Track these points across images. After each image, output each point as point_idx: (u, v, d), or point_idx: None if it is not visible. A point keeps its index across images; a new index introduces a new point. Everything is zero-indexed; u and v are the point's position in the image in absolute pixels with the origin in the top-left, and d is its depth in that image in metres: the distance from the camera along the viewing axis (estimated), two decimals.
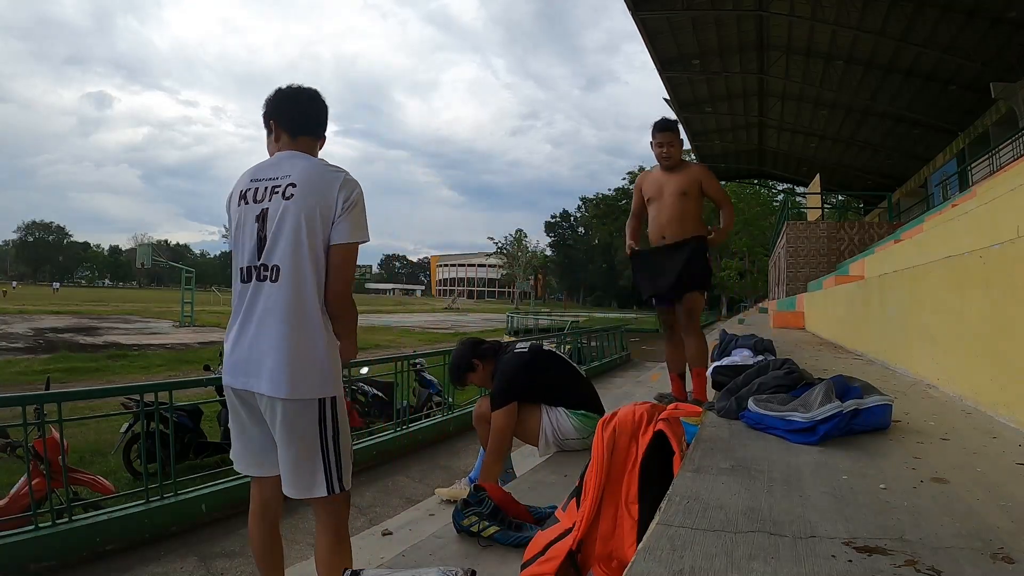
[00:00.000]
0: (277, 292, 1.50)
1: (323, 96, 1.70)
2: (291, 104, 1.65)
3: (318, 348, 1.51)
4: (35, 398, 2.91)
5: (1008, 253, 1.41)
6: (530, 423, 2.69)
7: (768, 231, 29.51)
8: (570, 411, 2.69)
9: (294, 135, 1.63)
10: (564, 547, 1.42)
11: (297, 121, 1.64)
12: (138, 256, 27.26)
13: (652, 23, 12.33)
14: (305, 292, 1.50)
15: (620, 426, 1.42)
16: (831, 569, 0.64)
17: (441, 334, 20.90)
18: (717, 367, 2.60)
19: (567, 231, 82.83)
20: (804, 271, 12.37)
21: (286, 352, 1.48)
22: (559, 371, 2.81)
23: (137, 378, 9.61)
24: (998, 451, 1.16)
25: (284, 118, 1.64)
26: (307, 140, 1.65)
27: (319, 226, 1.50)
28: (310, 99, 1.66)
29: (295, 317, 1.50)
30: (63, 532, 2.85)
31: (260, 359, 1.50)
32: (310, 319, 1.51)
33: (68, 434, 3.34)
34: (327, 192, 1.51)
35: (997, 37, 10.20)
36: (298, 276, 1.49)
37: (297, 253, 1.49)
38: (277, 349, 1.48)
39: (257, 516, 1.72)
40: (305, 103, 1.66)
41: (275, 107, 1.64)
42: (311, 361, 1.50)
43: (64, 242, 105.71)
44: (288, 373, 1.47)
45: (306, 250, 1.49)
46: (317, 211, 1.50)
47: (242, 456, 1.67)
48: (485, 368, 2.82)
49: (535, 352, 2.81)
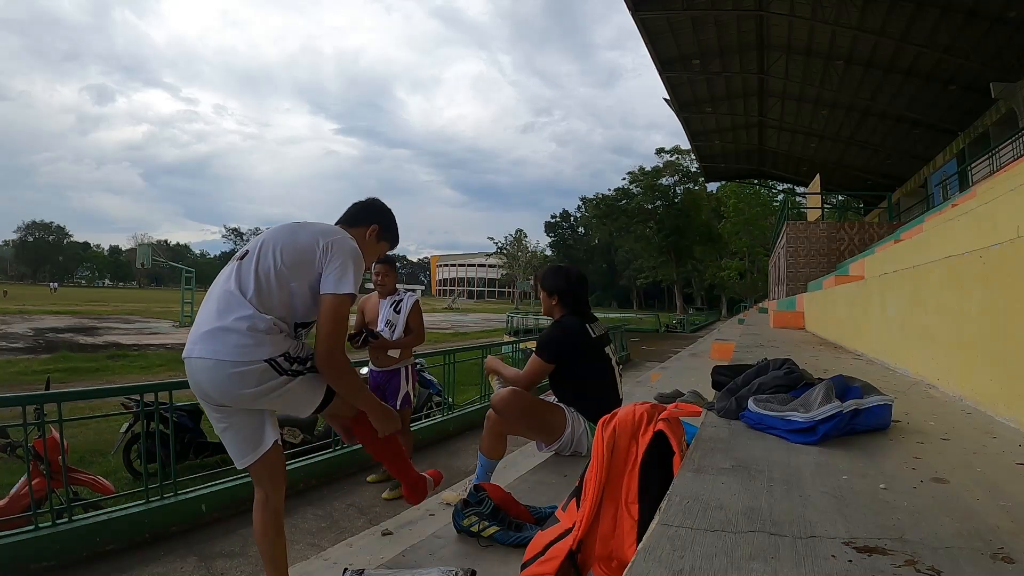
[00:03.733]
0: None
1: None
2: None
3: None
4: (35, 398, 2.90)
5: (1008, 253, 1.41)
6: (556, 420, 2.59)
7: (768, 231, 29.52)
8: (590, 424, 2.58)
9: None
10: (564, 547, 1.42)
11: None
12: (138, 256, 27.29)
13: (652, 23, 12.34)
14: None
15: (620, 426, 1.42)
16: (831, 569, 0.64)
17: (441, 334, 20.90)
18: (717, 367, 2.60)
19: (567, 231, 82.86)
20: (804, 271, 12.38)
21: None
22: (603, 369, 2.70)
23: (137, 378, 9.62)
24: (998, 451, 1.16)
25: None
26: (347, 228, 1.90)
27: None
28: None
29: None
30: (63, 532, 2.84)
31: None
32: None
33: (68, 434, 3.34)
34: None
35: (997, 37, 10.20)
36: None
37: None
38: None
39: (260, 507, 1.80)
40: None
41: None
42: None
43: (64, 242, 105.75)
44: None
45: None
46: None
47: (231, 448, 1.78)
48: (550, 304, 2.74)
49: (594, 340, 2.71)
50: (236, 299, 1.62)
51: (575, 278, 2.79)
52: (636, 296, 76.46)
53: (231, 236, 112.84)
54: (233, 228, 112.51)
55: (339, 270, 1.65)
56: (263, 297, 1.63)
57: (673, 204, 47.80)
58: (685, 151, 43.98)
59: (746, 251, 40.70)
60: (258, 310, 1.61)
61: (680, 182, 48.37)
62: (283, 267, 1.66)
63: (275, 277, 1.65)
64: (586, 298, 2.84)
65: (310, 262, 1.67)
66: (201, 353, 1.59)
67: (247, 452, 1.76)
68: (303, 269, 1.67)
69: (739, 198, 37.86)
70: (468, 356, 6.71)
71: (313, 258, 1.67)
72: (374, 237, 1.94)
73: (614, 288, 79.45)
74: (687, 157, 44.23)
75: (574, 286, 2.76)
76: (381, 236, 1.97)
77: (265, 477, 1.80)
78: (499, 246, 65.82)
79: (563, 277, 2.77)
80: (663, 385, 4.82)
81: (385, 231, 1.97)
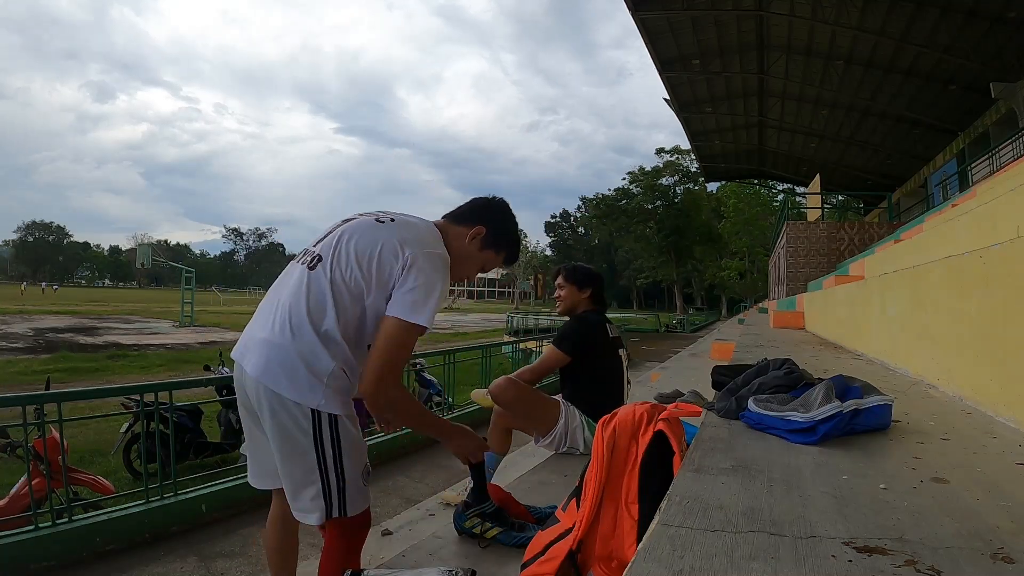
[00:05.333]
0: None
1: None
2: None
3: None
4: (35, 398, 2.90)
5: (1008, 253, 1.41)
6: (548, 412, 2.59)
7: (768, 231, 29.51)
8: (588, 420, 2.60)
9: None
10: (564, 547, 1.42)
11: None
12: (138, 256, 27.31)
13: (652, 23, 12.35)
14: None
15: (620, 426, 1.43)
16: (831, 569, 0.64)
17: (441, 334, 20.89)
18: (717, 367, 2.60)
19: (567, 231, 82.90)
20: (804, 271, 12.38)
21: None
22: (614, 369, 2.71)
23: (137, 378, 9.62)
24: (998, 451, 1.16)
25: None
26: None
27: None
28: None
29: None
30: (63, 532, 2.85)
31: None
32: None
33: (68, 434, 3.35)
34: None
35: (997, 37, 10.21)
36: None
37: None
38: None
39: (277, 523, 1.65)
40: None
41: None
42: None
43: (64, 242, 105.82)
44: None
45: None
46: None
47: (251, 464, 1.57)
48: (579, 299, 2.75)
49: (616, 337, 2.75)
50: (301, 317, 1.35)
51: (601, 277, 2.88)
52: (636, 296, 76.51)
53: (231, 236, 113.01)
54: (233, 228, 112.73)
55: (418, 291, 1.35)
56: (328, 323, 1.35)
57: (673, 204, 47.82)
58: (685, 151, 44.01)
59: (746, 251, 40.70)
60: (320, 340, 1.35)
61: (680, 182, 48.41)
62: (360, 278, 1.37)
63: (347, 290, 1.37)
64: (604, 299, 2.89)
65: (388, 275, 1.37)
66: (251, 372, 1.36)
67: (269, 482, 1.54)
68: (380, 284, 1.37)
69: (739, 198, 37.87)
70: (468, 356, 6.72)
71: (392, 271, 1.37)
72: (477, 241, 1.58)
73: (614, 288, 79.48)
74: (687, 157, 44.26)
75: (600, 285, 2.85)
76: (487, 242, 1.59)
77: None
78: None
79: (594, 274, 2.84)
80: (663, 385, 4.82)
81: (493, 236, 1.59)
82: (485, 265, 1.64)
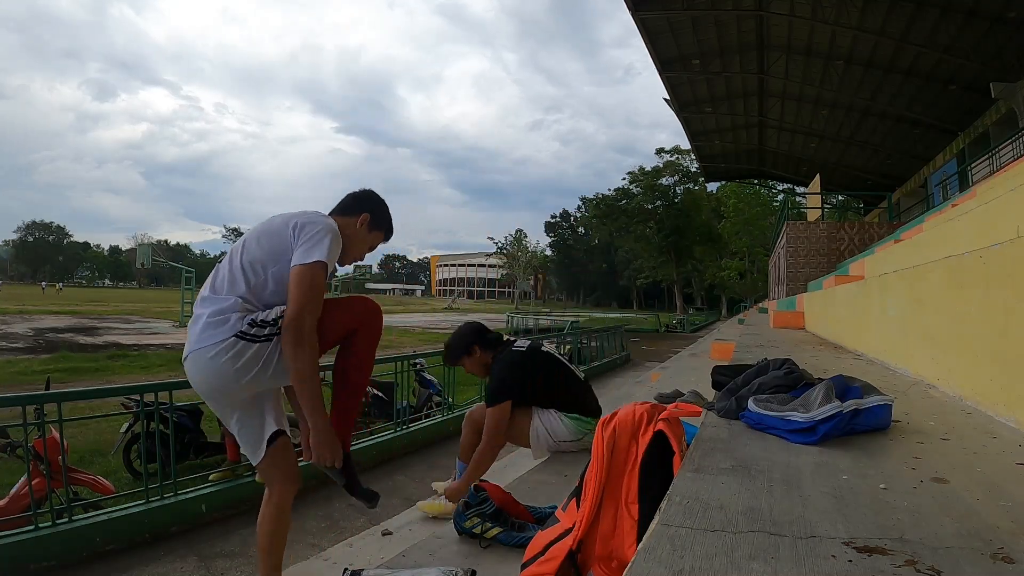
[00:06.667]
0: None
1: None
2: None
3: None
4: (35, 398, 2.90)
5: (1008, 253, 1.41)
6: (520, 424, 2.65)
7: (768, 231, 29.51)
8: (562, 413, 2.65)
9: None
10: (564, 547, 1.42)
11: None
12: (138, 256, 27.33)
13: (652, 23, 12.34)
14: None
15: (620, 426, 1.42)
16: (831, 569, 0.64)
17: (441, 334, 20.87)
18: (717, 367, 2.59)
19: (567, 231, 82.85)
20: (804, 271, 12.37)
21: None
22: (555, 372, 2.76)
23: (137, 378, 9.61)
24: (998, 451, 1.16)
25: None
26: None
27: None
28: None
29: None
30: (63, 532, 2.85)
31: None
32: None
33: (68, 434, 3.34)
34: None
35: (997, 37, 10.21)
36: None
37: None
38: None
39: (265, 500, 1.84)
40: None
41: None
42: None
43: (64, 242, 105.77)
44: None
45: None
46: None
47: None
48: (482, 356, 2.77)
49: (533, 351, 2.77)
50: (205, 295, 1.67)
51: (476, 328, 2.88)
52: (636, 296, 76.48)
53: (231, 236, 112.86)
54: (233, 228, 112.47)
55: (309, 241, 1.63)
56: (232, 286, 1.64)
57: (673, 204, 47.79)
58: (685, 151, 43.96)
59: (746, 251, 40.68)
60: (222, 295, 1.63)
61: (680, 182, 48.37)
62: (260, 254, 1.67)
63: (250, 267, 1.66)
64: (494, 338, 2.89)
65: (284, 244, 1.66)
66: (185, 353, 1.64)
67: (252, 449, 1.76)
68: (279, 253, 1.66)
69: (739, 198, 37.86)
70: None
71: (285, 239, 1.66)
72: (365, 226, 1.89)
73: (614, 288, 79.46)
74: (687, 157, 44.22)
75: (481, 334, 2.84)
76: (372, 225, 1.91)
77: (275, 478, 1.79)
78: (499, 246, 65.78)
79: (468, 333, 2.84)
80: (663, 385, 4.82)
81: (376, 220, 1.92)
82: (372, 244, 1.93)
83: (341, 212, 1.88)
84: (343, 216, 1.86)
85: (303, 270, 1.60)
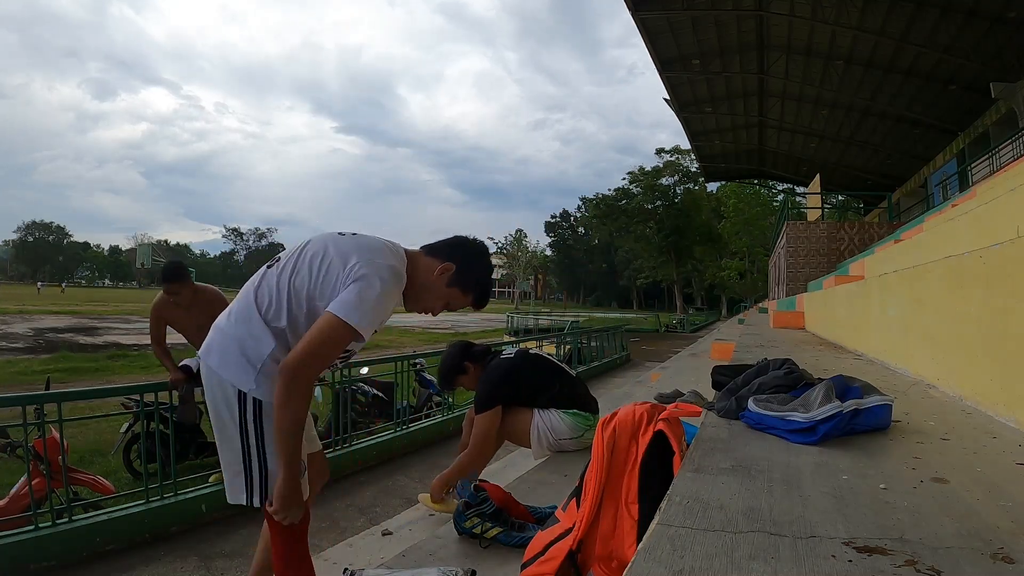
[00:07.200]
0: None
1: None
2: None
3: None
4: (35, 398, 2.91)
5: (1008, 253, 1.41)
6: (520, 425, 2.68)
7: (768, 231, 29.51)
8: (561, 411, 2.68)
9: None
10: (564, 547, 1.42)
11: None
12: (138, 256, 27.36)
13: (652, 23, 12.35)
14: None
15: (620, 426, 1.43)
16: (831, 569, 0.64)
17: (441, 334, 20.89)
18: (717, 367, 2.60)
19: (567, 231, 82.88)
20: (804, 271, 12.38)
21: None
22: (546, 374, 2.79)
23: (137, 378, 9.61)
24: (998, 451, 1.16)
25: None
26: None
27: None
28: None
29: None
30: (63, 532, 2.85)
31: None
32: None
33: (68, 434, 3.34)
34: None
35: (997, 37, 10.21)
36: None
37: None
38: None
39: (263, 542, 1.79)
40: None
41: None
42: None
43: (64, 242, 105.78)
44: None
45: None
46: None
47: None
48: (476, 371, 2.81)
49: (521, 356, 2.82)
50: (251, 314, 1.44)
51: (463, 346, 2.91)
52: (636, 296, 76.52)
53: (231, 236, 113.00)
54: (233, 228, 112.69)
55: (356, 293, 1.36)
56: (277, 315, 1.43)
57: (673, 204, 47.79)
58: (685, 151, 43.96)
59: (746, 251, 40.69)
60: (269, 323, 1.42)
61: (680, 182, 48.38)
62: (310, 283, 1.43)
63: (295, 295, 1.43)
64: (481, 352, 2.93)
65: (334, 280, 1.40)
66: (206, 360, 1.46)
67: (235, 491, 1.54)
68: (327, 290, 1.41)
69: (739, 198, 37.87)
70: None
71: (338, 274, 1.40)
72: (444, 277, 1.55)
73: (614, 288, 79.52)
74: (687, 157, 44.22)
75: (468, 350, 2.88)
76: (455, 281, 1.56)
77: (273, 525, 1.55)
78: (499, 246, 65.82)
79: (457, 354, 2.87)
80: (663, 385, 4.82)
81: (461, 277, 1.56)
82: (451, 302, 1.61)
83: (430, 251, 1.59)
84: (427, 256, 1.58)
85: (336, 323, 1.34)
